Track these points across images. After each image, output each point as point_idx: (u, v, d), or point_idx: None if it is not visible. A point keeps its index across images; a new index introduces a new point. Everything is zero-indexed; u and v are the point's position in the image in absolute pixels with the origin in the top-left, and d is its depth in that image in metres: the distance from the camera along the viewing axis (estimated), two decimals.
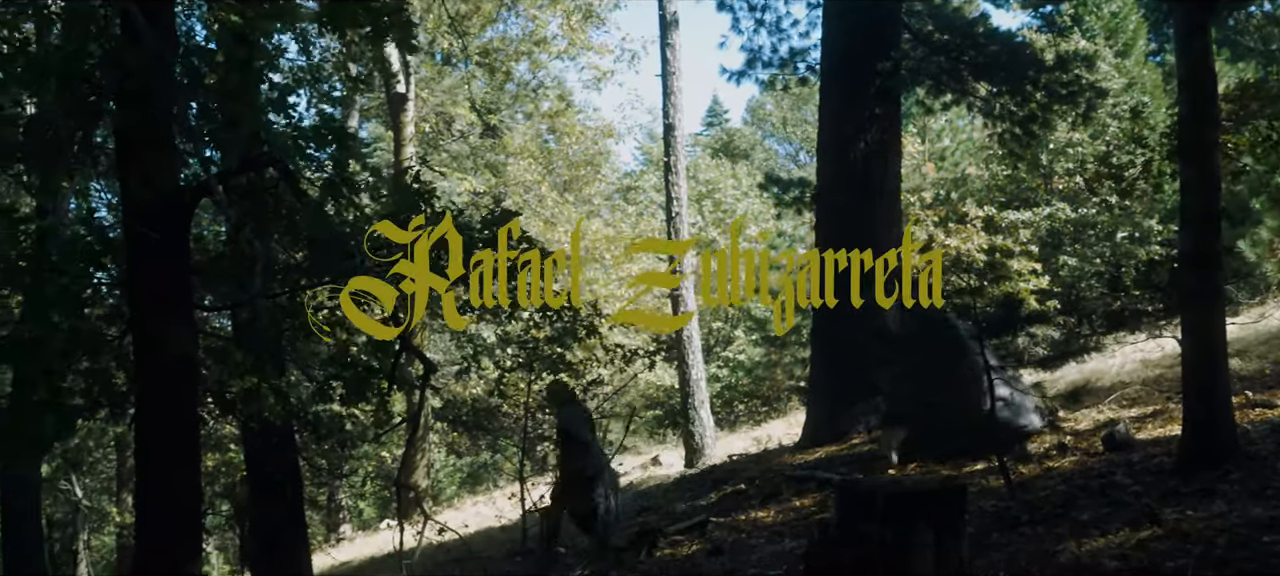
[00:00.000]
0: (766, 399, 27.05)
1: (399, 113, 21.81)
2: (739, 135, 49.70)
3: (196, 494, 6.65)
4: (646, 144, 41.92)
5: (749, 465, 13.08)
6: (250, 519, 11.90)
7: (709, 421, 17.17)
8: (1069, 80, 14.08)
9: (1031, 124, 14.50)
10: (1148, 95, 21.59)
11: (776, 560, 7.59)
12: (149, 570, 6.27)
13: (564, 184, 26.91)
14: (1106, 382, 12.58)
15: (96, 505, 28.44)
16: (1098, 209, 19.95)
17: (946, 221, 20.65)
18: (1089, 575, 5.54)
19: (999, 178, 22.54)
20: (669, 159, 17.66)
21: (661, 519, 10.80)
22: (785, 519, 9.14)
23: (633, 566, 8.69)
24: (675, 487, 13.55)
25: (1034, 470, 8.61)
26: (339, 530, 24.50)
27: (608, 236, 25.07)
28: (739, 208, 34.78)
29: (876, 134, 13.20)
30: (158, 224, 6.14)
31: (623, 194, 35.71)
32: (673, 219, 17.49)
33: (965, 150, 25.77)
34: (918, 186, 22.97)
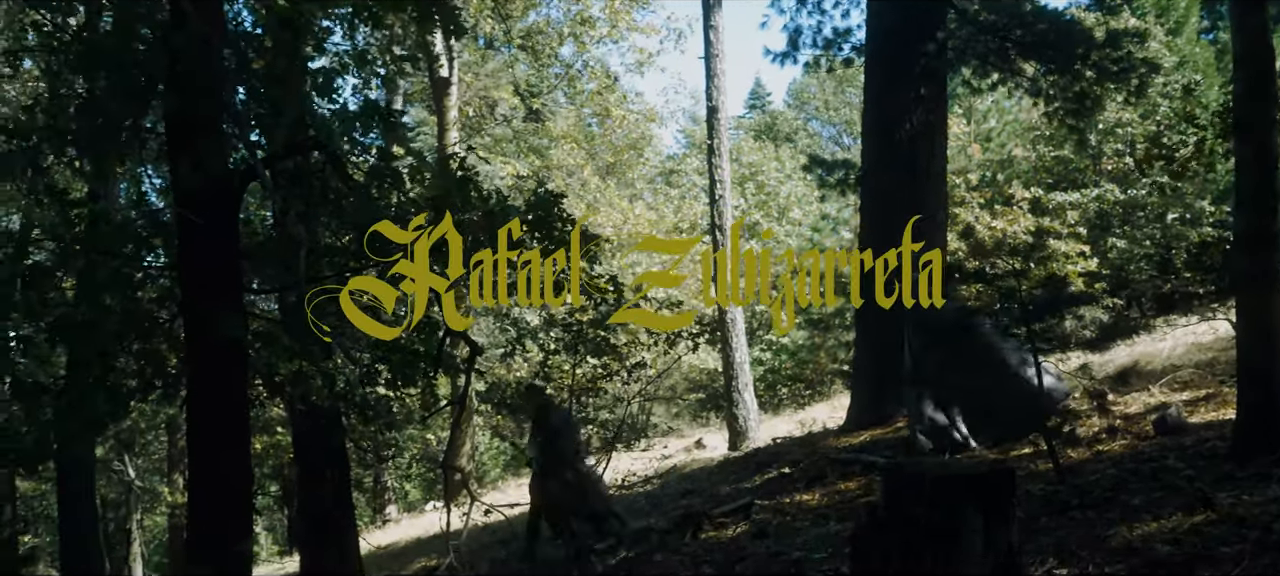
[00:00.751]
0: (810, 382, 26.95)
1: (442, 97, 21.89)
2: (781, 118, 49.43)
3: (247, 475, 6.73)
4: (689, 127, 41.83)
5: (793, 448, 13.04)
6: (298, 500, 12.04)
7: (753, 404, 17.14)
8: (1119, 58, 13.85)
9: (1081, 103, 14.28)
10: (1200, 73, 21.19)
11: (822, 543, 7.57)
12: (200, 549, 6.36)
13: (607, 168, 26.92)
14: (1157, 366, 12.39)
15: (149, 485, 28.94)
16: (1148, 190, 19.66)
17: (992, 203, 20.49)
18: (1141, 559, 5.47)
19: (1046, 159, 22.25)
20: (712, 141, 17.60)
21: (705, 501, 10.80)
22: (830, 502, 9.10)
23: (677, 548, 8.70)
24: (719, 470, 13.54)
25: (1083, 454, 8.50)
26: (385, 511, 24.77)
27: (650, 220, 25.05)
28: (782, 191, 34.62)
29: (922, 115, 13.05)
30: (206, 208, 6.21)
31: (665, 178, 35.67)
32: (716, 202, 17.43)
33: (1012, 131, 25.45)
34: (963, 168, 22.73)
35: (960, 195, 20.34)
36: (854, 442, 11.81)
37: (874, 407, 12.71)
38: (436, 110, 22.48)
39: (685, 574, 7.68)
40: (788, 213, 33.79)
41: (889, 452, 10.48)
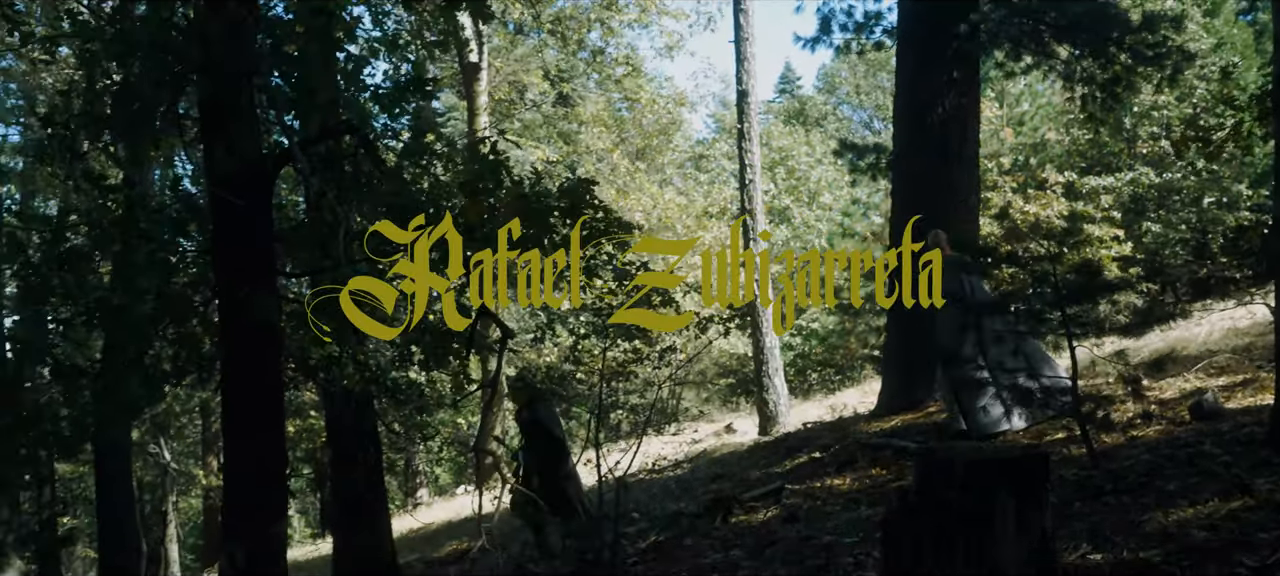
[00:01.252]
0: (840, 367, 26.90)
1: (472, 82, 21.94)
2: (811, 103, 49.19)
3: (281, 457, 6.79)
4: (719, 112, 41.72)
5: (824, 433, 13.02)
6: (331, 483, 12.13)
7: (783, 389, 17.12)
8: (1155, 41, 13.67)
9: (1116, 87, 14.11)
10: (1238, 55, 20.92)
11: (853, 527, 7.55)
12: (236, 531, 6.42)
13: (636, 153, 26.91)
14: (1193, 351, 12.27)
15: (184, 468, 29.29)
16: (1183, 173, 19.44)
17: (1025, 187, 20.34)
18: (1177, 545, 5.42)
19: (1080, 142, 22.06)
20: (742, 126, 17.56)
21: (736, 486, 10.80)
22: (861, 486, 9.08)
23: (707, 532, 8.71)
24: (749, 455, 13.54)
25: (1117, 439, 8.44)
26: (416, 495, 24.95)
27: (680, 205, 25.04)
28: (813, 175, 34.49)
29: (954, 98, 12.94)
30: (241, 192, 6.25)
31: (695, 163, 35.61)
32: (746, 186, 17.40)
33: (1045, 115, 25.23)
34: (995, 152, 22.57)
35: (992, 179, 20.21)
36: (885, 427, 11.77)
37: (905, 392, 12.66)
38: (466, 95, 22.54)
39: (715, 557, 7.68)
40: (818, 197, 33.68)
41: (920, 437, 10.44)
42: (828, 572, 6.44)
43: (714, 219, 27.06)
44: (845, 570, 6.42)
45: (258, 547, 6.28)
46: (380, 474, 10.58)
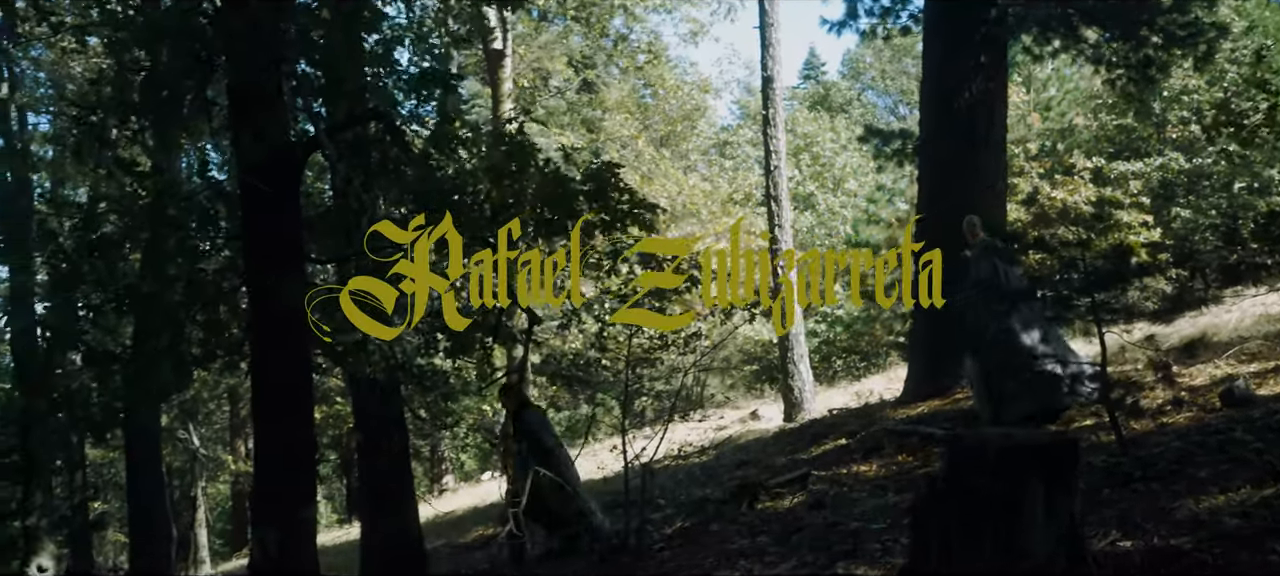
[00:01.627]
0: (865, 354, 26.78)
1: (496, 69, 21.93)
2: (835, 89, 48.93)
3: (310, 442, 6.85)
4: (743, 98, 41.56)
5: (850, 419, 12.99)
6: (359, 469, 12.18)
7: (808, 376, 17.08)
8: (1186, 22, 13.51)
9: (1147, 68, 13.96)
10: (1270, 38, 20.64)
11: (880, 513, 7.53)
12: (266, 515, 6.48)
13: (660, 139, 26.86)
14: (1223, 337, 12.15)
15: (212, 453, 29.53)
16: (1214, 158, 19.22)
17: (1052, 173, 20.16)
18: (1208, 532, 5.37)
19: (1108, 127, 21.85)
20: (768, 111, 17.49)
21: (761, 472, 10.79)
22: (888, 473, 9.06)
23: (733, 518, 8.71)
24: (774, 441, 13.53)
25: (1147, 426, 8.37)
26: (442, 481, 25.06)
27: (705, 192, 24.98)
28: (837, 162, 34.33)
29: (981, 83, 12.85)
30: (270, 178, 6.29)
31: (719, 149, 35.50)
32: (771, 172, 17.33)
33: (1073, 99, 25.00)
34: (1022, 137, 22.40)
35: (1019, 165, 20.06)
36: (911, 414, 11.74)
37: (931, 379, 12.60)
38: (490, 82, 22.53)
39: (742, 543, 7.68)
40: (843, 184, 33.52)
41: (948, 424, 10.39)
42: (855, 558, 6.43)
43: (738, 205, 26.99)
44: (872, 556, 6.40)
45: (288, 532, 6.33)
46: (407, 459, 10.63)
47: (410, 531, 10.15)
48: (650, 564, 7.70)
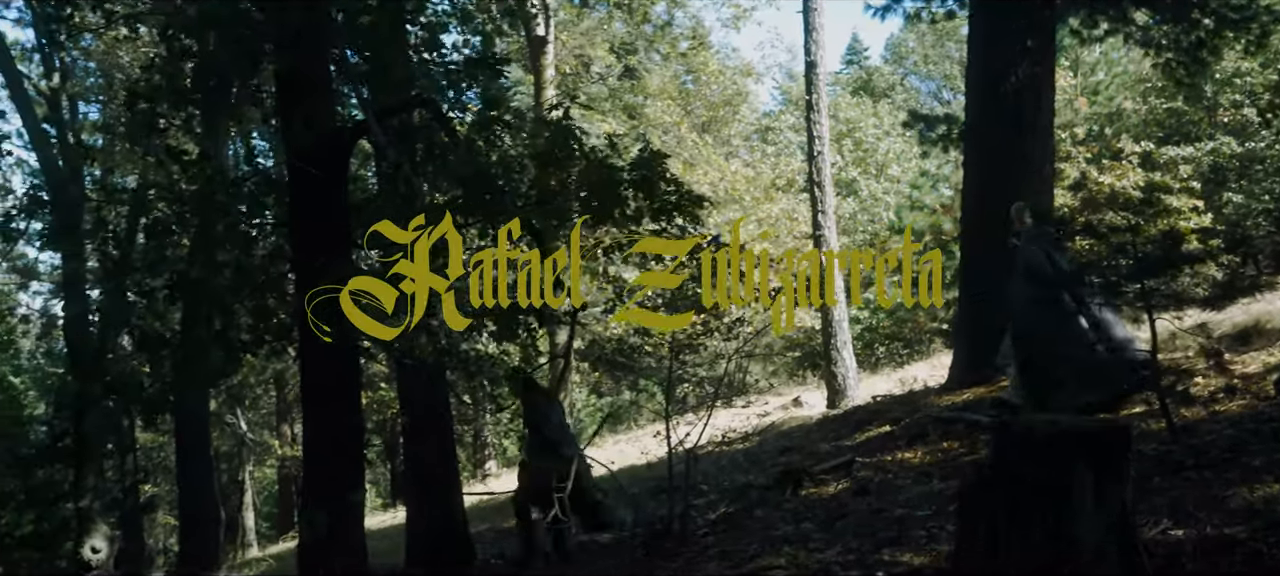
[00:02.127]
0: (908, 341, 26.61)
1: (539, 55, 21.99)
2: (878, 73, 48.57)
3: (357, 426, 6.93)
4: (785, 83, 41.37)
5: (893, 406, 12.91)
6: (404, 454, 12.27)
7: (852, 362, 17.00)
8: (1239, 4, 13.26)
9: (1197, 52, 13.72)
10: None
11: (925, 500, 7.49)
12: (315, 497, 6.56)
13: (702, 125, 26.80)
14: (1277, 324, 11.93)
15: (259, 438, 29.89)
16: (1268, 142, 18.88)
17: (1100, 158, 19.89)
18: (1263, 521, 5.29)
19: (1158, 111, 21.52)
20: (810, 97, 17.39)
21: (805, 458, 10.77)
22: (933, 460, 9.00)
23: (777, 504, 8.70)
24: (818, 428, 13.49)
25: (1198, 413, 8.26)
26: (485, 466, 25.21)
27: (747, 177, 24.91)
28: (880, 147, 34.10)
29: (1028, 67, 12.68)
30: (317, 164, 6.35)
31: (761, 135, 35.37)
32: (814, 158, 17.25)
33: (1121, 83, 24.64)
34: (1069, 122, 22.10)
35: (1066, 150, 19.81)
36: (956, 401, 11.64)
37: (976, 366, 12.48)
38: (533, 69, 22.61)
39: (786, 529, 7.67)
40: (886, 170, 33.30)
41: (993, 411, 10.30)
42: (900, 545, 6.40)
43: (781, 191, 26.88)
44: (918, 543, 6.37)
45: (337, 514, 6.40)
46: (452, 445, 10.70)
47: (455, 516, 10.23)
48: (694, 549, 7.71)
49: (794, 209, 25.73)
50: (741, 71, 29.12)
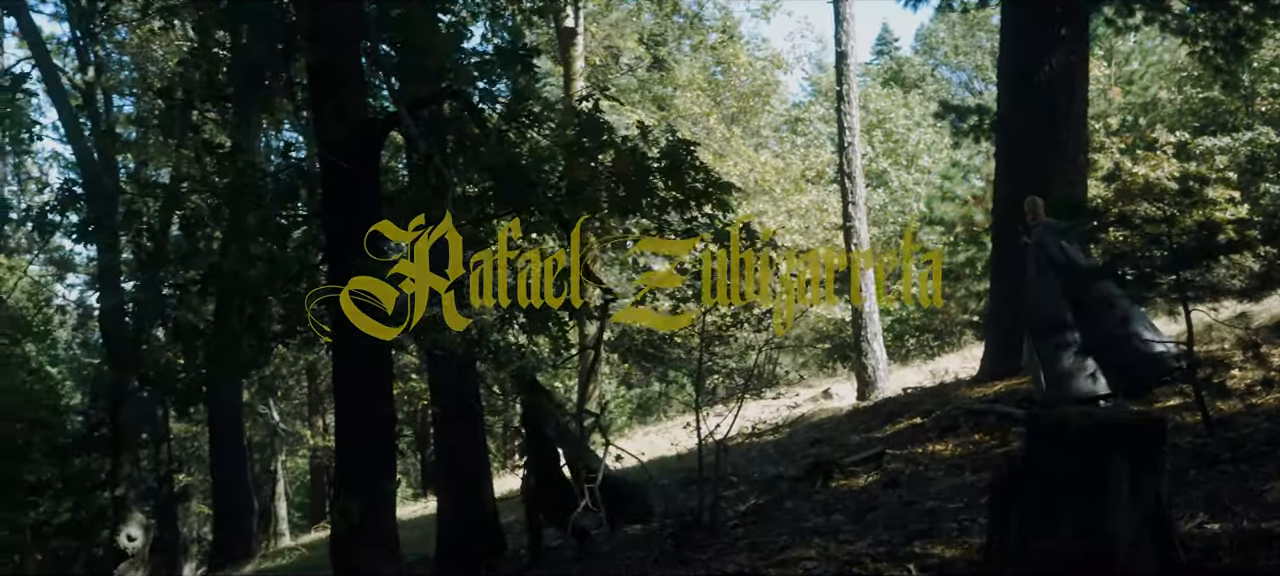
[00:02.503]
0: (939, 333, 26.47)
1: (568, 47, 22.01)
2: (908, 64, 48.29)
3: (389, 415, 6.96)
4: (815, 74, 41.20)
5: (924, 398, 12.85)
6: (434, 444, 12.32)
7: (882, 354, 16.91)
8: None
9: (1236, 40, 13.54)
10: None
11: (956, 493, 7.46)
12: (348, 485, 6.61)
13: (731, 116, 26.73)
14: None
15: (291, 428, 30.11)
16: None
17: (1134, 148, 19.68)
18: None
19: (1194, 101, 21.27)
20: (841, 88, 17.28)
21: (835, 450, 10.75)
22: (964, 452, 8.96)
23: (807, 496, 8.69)
24: (848, 420, 13.45)
25: (1235, 406, 8.18)
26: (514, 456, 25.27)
27: (777, 169, 24.83)
28: (911, 138, 33.91)
29: (1062, 56, 12.56)
30: (349, 156, 6.39)
31: (790, 126, 35.24)
32: (845, 149, 17.15)
33: (1156, 73, 24.38)
34: (1103, 112, 21.88)
35: (1100, 140, 19.62)
36: (987, 393, 11.57)
37: (1008, 358, 12.39)
38: (562, 60, 22.63)
39: (816, 521, 7.66)
40: (916, 160, 33.11)
41: (1026, 403, 10.24)
42: (931, 537, 6.37)
43: (811, 182, 26.77)
44: (949, 535, 6.34)
45: (369, 503, 6.45)
46: (482, 435, 10.73)
47: (485, 506, 10.26)
48: (723, 540, 7.71)
49: (824, 200, 25.62)
50: (771, 62, 29.01)
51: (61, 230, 13.83)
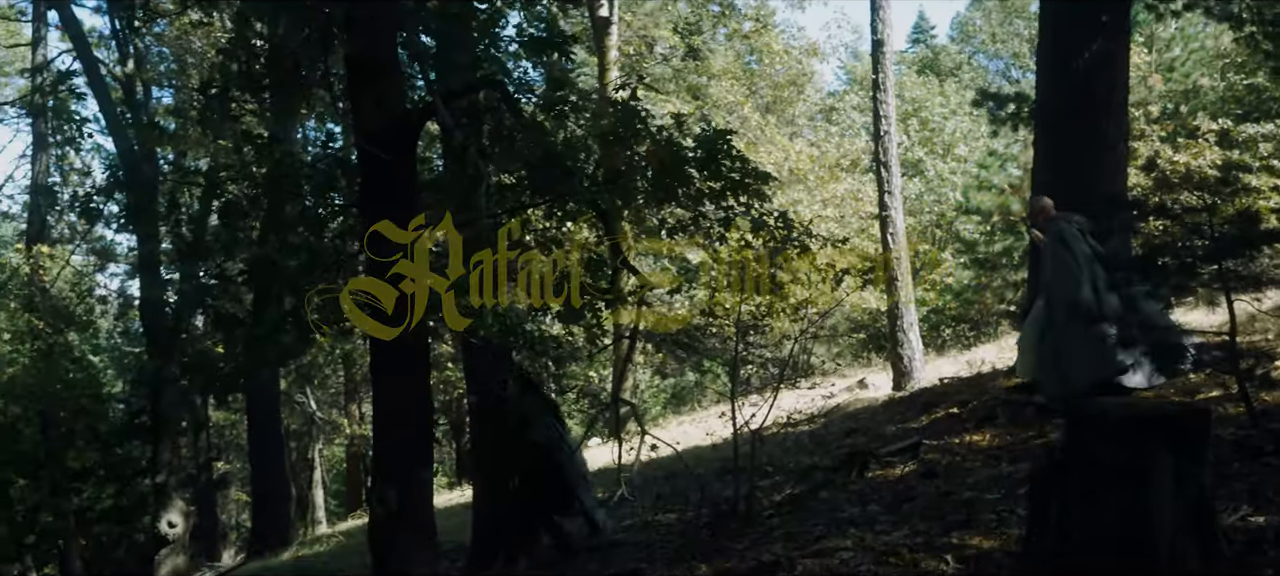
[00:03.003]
0: (975, 323, 26.27)
1: (603, 37, 22.01)
2: (944, 52, 47.93)
3: (426, 404, 7.00)
4: (850, 63, 40.98)
5: (960, 388, 12.76)
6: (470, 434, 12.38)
7: (918, 344, 16.80)
8: None
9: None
10: None
11: (993, 484, 7.41)
12: (385, 473, 6.66)
13: (766, 105, 26.64)
14: None
15: (328, 417, 30.36)
16: None
17: (1175, 136, 19.42)
18: None
19: (1237, 88, 20.94)
20: (877, 76, 17.16)
21: (871, 441, 10.70)
22: (1001, 443, 8.89)
23: (843, 486, 8.66)
24: (883, 410, 13.38)
25: (1279, 398, 8.06)
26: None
27: (812, 157, 24.73)
28: (947, 127, 33.65)
29: (1102, 43, 12.37)
30: (386, 146, 6.42)
31: (825, 114, 35.08)
32: (881, 138, 17.04)
33: (1198, 59, 24.02)
34: (1143, 99, 21.59)
35: (1140, 128, 19.37)
36: (1024, 383, 11.47)
37: None
38: (597, 50, 22.63)
39: (852, 511, 7.63)
40: (953, 149, 32.85)
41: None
42: (969, 528, 6.33)
43: (846, 171, 26.64)
44: (987, 526, 6.30)
45: (406, 490, 6.50)
46: None
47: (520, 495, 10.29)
48: (759, 530, 7.70)
49: (859, 189, 25.49)
50: (806, 51, 28.87)
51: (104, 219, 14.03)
